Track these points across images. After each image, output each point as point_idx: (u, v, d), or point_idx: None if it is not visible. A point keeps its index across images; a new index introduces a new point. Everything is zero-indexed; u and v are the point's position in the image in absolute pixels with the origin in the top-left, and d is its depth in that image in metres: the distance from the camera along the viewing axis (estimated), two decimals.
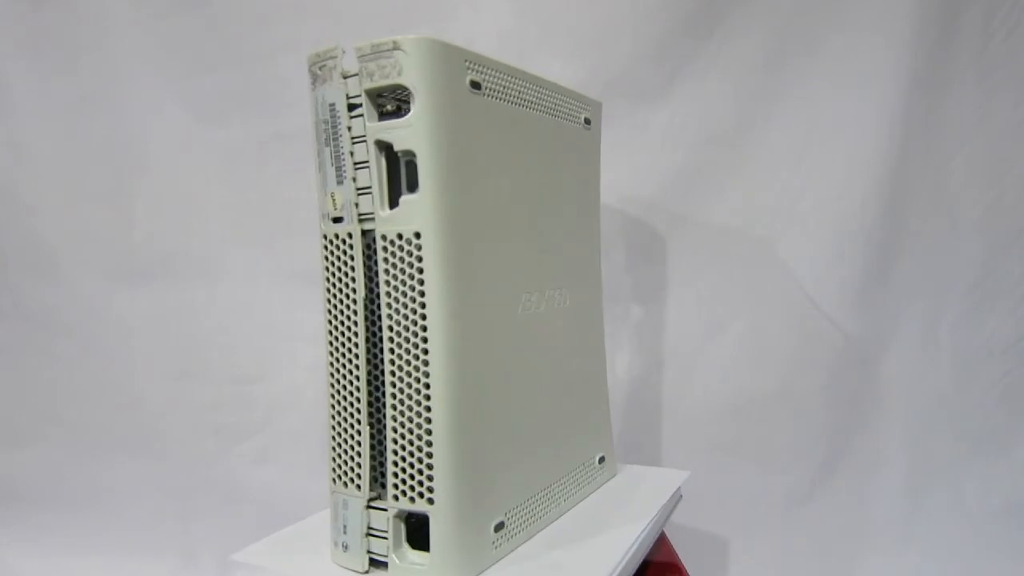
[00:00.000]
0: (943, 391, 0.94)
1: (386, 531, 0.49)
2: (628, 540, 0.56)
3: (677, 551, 0.68)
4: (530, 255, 0.56)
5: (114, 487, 0.87)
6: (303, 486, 0.88)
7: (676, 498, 0.68)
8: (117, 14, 0.82)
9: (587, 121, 0.65)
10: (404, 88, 0.45)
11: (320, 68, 0.48)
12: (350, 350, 0.50)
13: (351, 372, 0.50)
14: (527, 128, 0.56)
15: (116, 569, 0.87)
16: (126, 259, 0.86)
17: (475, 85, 0.49)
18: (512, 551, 0.53)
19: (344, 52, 0.47)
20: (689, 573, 0.64)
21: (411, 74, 0.45)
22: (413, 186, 0.47)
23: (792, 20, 0.87)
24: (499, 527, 0.52)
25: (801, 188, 0.89)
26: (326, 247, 0.51)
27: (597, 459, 0.67)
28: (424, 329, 0.46)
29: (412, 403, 0.47)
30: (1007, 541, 0.92)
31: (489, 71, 0.50)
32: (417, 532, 0.49)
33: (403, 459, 0.48)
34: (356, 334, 0.50)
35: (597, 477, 0.67)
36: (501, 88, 0.52)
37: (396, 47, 0.45)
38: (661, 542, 0.66)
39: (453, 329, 0.47)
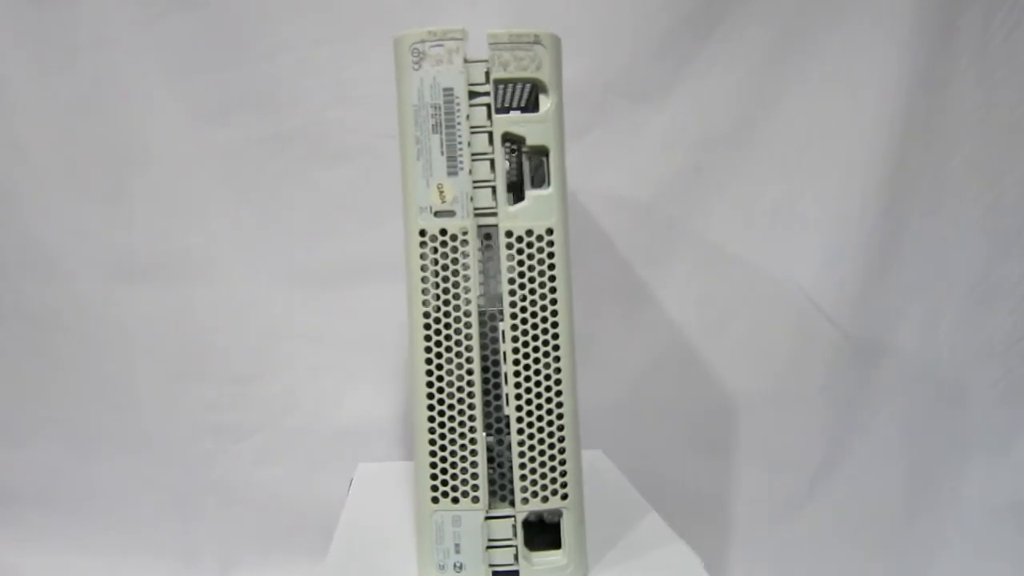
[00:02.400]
0: (943, 391, 0.94)
1: (511, 539, 0.48)
2: (655, 517, 0.58)
3: None
4: None
5: (114, 487, 0.87)
6: (303, 486, 0.88)
7: None
8: (117, 14, 0.82)
9: None
10: (539, 82, 0.46)
11: (432, 48, 0.46)
12: (460, 354, 0.47)
13: (462, 379, 0.47)
14: None
15: (116, 569, 0.87)
16: (126, 259, 0.86)
17: None
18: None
19: (467, 35, 0.46)
20: None
21: (548, 70, 0.46)
22: (537, 182, 0.47)
23: (792, 20, 0.87)
24: None
25: (801, 188, 0.89)
26: (426, 243, 0.47)
27: None
28: (555, 326, 0.47)
29: (542, 401, 0.47)
30: (1007, 541, 0.92)
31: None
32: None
33: (532, 460, 0.47)
34: (469, 336, 0.47)
35: None
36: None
37: (537, 40, 0.46)
38: None
39: (572, 325, 0.48)
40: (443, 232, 0.46)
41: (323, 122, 0.84)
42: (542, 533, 0.49)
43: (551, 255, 0.46)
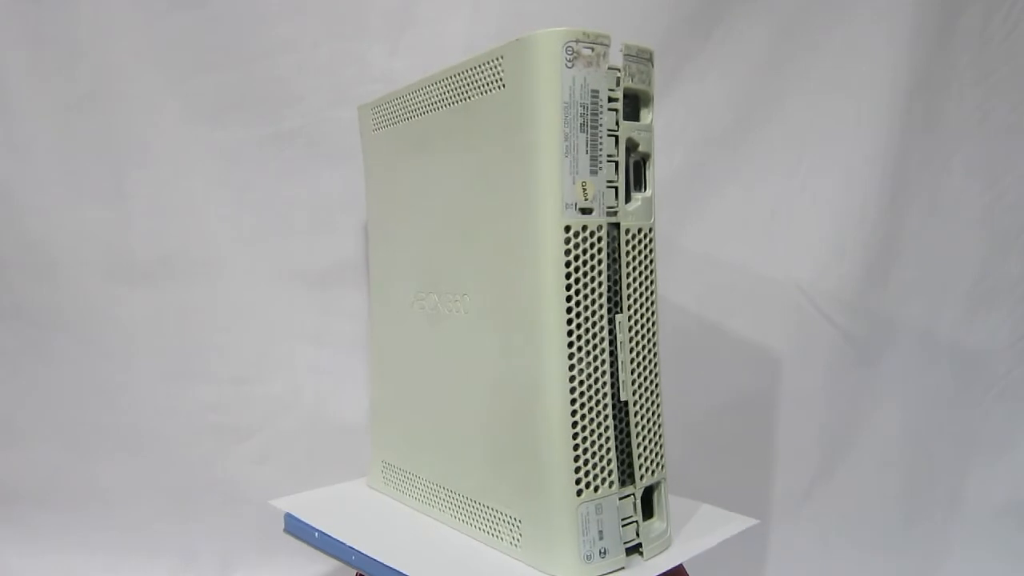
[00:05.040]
0: (943, 391, 0.94)
1: (632, 515, 0.51)
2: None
3: None
4: None
5: (113, 487, 0.87)
6: (303, 486, 0.88)
7: None
8: (117, 13, 0.82)
9: None
10: (647, 94, 0.52)
11: (585, 49, 0.47)
12: (595, 346, 0.48)
13: (597, 370, 0.49)
14: None
15: (115, 569, 0.87)
16: (126, 259, 0.85)
17: None
18: None
19: (612, 41, 0.48)
20: (688, 572, 0.64)
21: (653, 84, 0.53)
22: (637, 185, 0.52)
23: (792, 19, 0.87)
24: None
25: (801, 188, 0.89)
26: (569, 239, 0.47)
27: None
28: (654, 315, 0.52)
29: (648, 384, 0.52)
30: (1007, 541, 0.92)
31: None
32: None
33: (645, 439, 0.52)
34: (602, 328, 0.49)
35: None
36: None
37: (650, 57, 0.52)
38: None
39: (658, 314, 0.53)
40: (584, 228, 0.48)
41: (323, 122, 0.84)
42: None
43: (651, 251, 0.52)
